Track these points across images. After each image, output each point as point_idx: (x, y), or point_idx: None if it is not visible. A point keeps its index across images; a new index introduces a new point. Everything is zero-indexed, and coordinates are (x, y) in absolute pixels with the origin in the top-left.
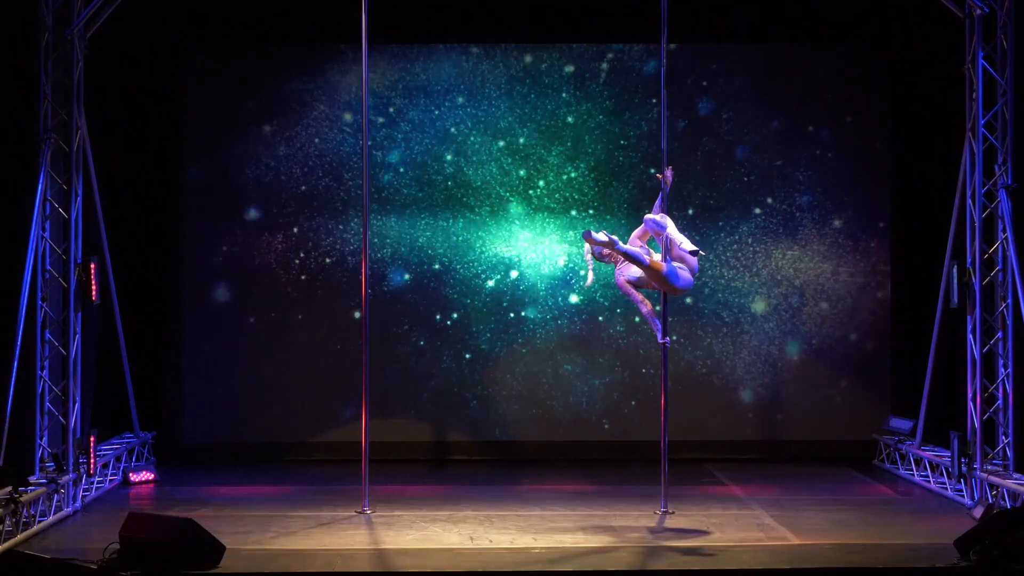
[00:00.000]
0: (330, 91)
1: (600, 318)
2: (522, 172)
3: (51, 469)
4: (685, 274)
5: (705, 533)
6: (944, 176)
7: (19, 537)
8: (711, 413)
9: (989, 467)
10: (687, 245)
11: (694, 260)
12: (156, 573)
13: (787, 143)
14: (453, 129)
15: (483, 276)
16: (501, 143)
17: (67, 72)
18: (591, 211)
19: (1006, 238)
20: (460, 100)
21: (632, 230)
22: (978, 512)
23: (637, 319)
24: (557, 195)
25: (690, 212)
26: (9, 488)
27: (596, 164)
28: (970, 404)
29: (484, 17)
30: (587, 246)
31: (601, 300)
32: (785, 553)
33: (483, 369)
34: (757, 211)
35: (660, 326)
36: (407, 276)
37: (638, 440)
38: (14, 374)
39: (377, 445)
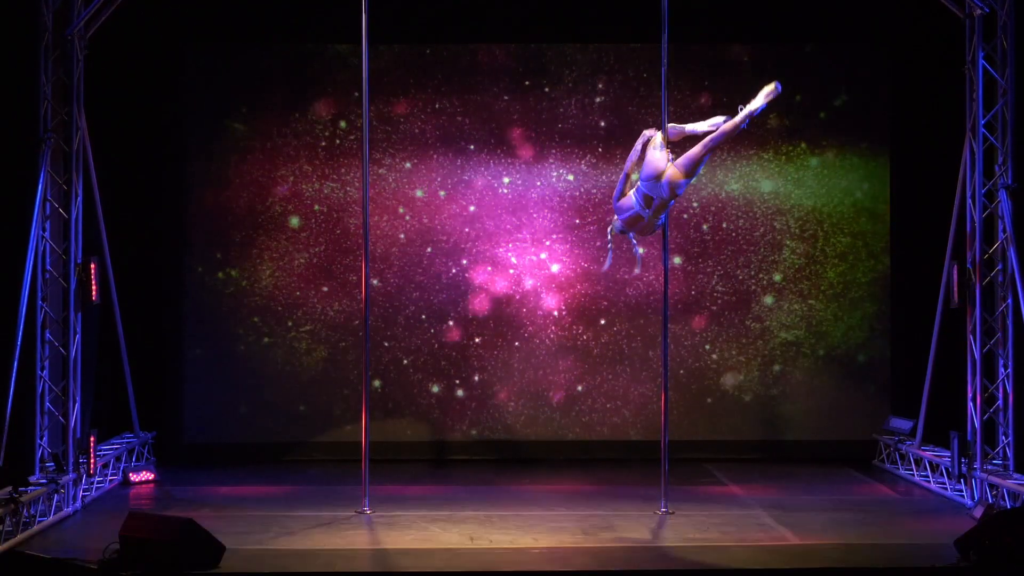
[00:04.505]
0: (330, 91)
1: (602, 320)
2: (522, 171)
3: (51, 469)
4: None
5: (705, 533)
6: (944, 176)
7: (19, 537)
8: (711, 413)
9: (989, 467)
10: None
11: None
12: (156, 573)
13: (787, 142)
14: (456, 126)
15: (483, 276)
16: (502, 141)
17: (67, 72)
18: (591, 210)
19: (1006, 238)
20: (463, 95)
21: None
22: (978, 512)
23: (642, 321)
24: (557, 195)
25: (695, 205)
26: (9, 488)
27: (597, 162)
28: (970, 404)
29: (484, 17)
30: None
31: (602, 300)
32: (785, 553)
33: (483, 369)
34: (758, 211)
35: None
36: (403, 275)
37: (638, 440)
38: (14, 374)
39: (377, 445)
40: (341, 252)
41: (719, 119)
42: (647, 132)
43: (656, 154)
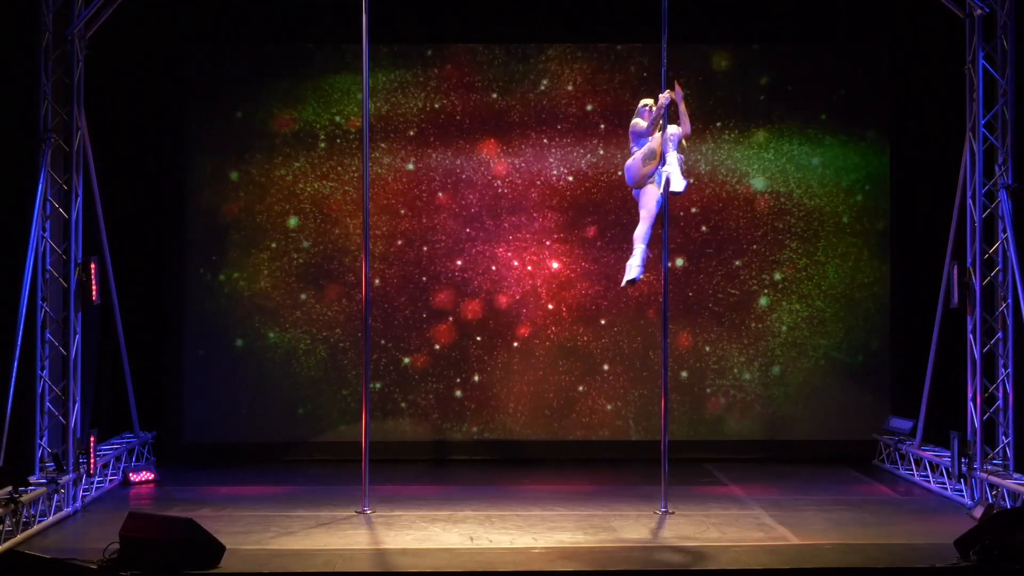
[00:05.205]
0: (329, 91)
1: (602, 320)
2: (522, 171)
3: (51, 469)
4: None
5: (705, 533)
6: (944, 176)
7: (19, 537)
8: (711, 413)
9: (989, 467)
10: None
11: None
12: (156, 573)
13: (788, 142)
14: (456, 126)
15: (483, 276)
16: (502, 141)
17: (67, 72)
18: (592, 210)
19: (1006, 238)
20: (462, 96)
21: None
22: (978, 512)
23: (642, 321)
24: (557, 195)
25: (693, 211)
26: (9, 488)
27: (597, 163)
28: (970, 404)
29: (484, 17)
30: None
31: (602, 300)
32: (785, 553)
33: (483, 369)
34: (758, 212)
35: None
36: (403, 275)
37: (638, 440)
38: (14, 374)
39: (377, 445)
40: (340, 252)
41: (680, 158)
42: (664, 99)
43: (651, 189)
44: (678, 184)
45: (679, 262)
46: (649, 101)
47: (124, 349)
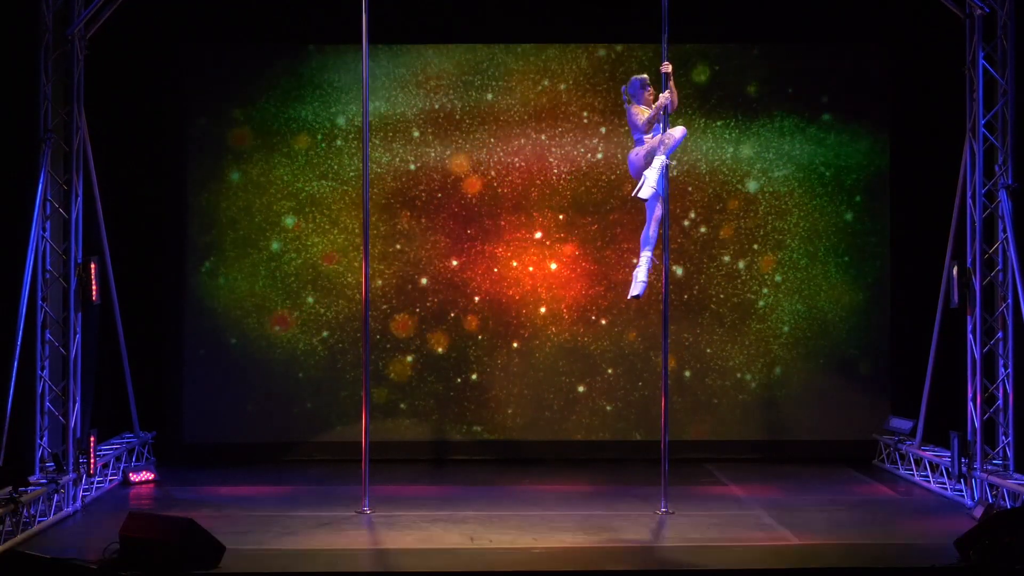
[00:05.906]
0: (329, 91)
1: (602, 320)
2: (522, 170)
3: (51, 469)
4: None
5: (705, 533)
6: (944, 176)
7: (19, 537)
8: (712, 413)
9: (989, 467)
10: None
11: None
12: (156, 573)
13: (787, 143)
14: (456, 126)
15: (483, 276)
16: (502, 140)
17: (67, 72)
18: (592, 210)
19: (1006, 238)
20: (462, 96)
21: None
22: (978, 512)
23: (643, 321)
24: (557, 195)
25: (692, 215)
26: (9, 488)
27: (597, 163)
28: (970, 404)
29: (484, 17)
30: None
31: (603, 300)
32: (785, 553)
33: (483, 370)
34: (759, 212)
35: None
36: (403, 276)
37: (638, 440)
38: (14, 374)
39: (377, 445)
40: (340, 252)
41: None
42: (663, 99)
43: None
44: (645, 191)
45: (678, 272)
46: (645, 76)
47: (124, 349)
